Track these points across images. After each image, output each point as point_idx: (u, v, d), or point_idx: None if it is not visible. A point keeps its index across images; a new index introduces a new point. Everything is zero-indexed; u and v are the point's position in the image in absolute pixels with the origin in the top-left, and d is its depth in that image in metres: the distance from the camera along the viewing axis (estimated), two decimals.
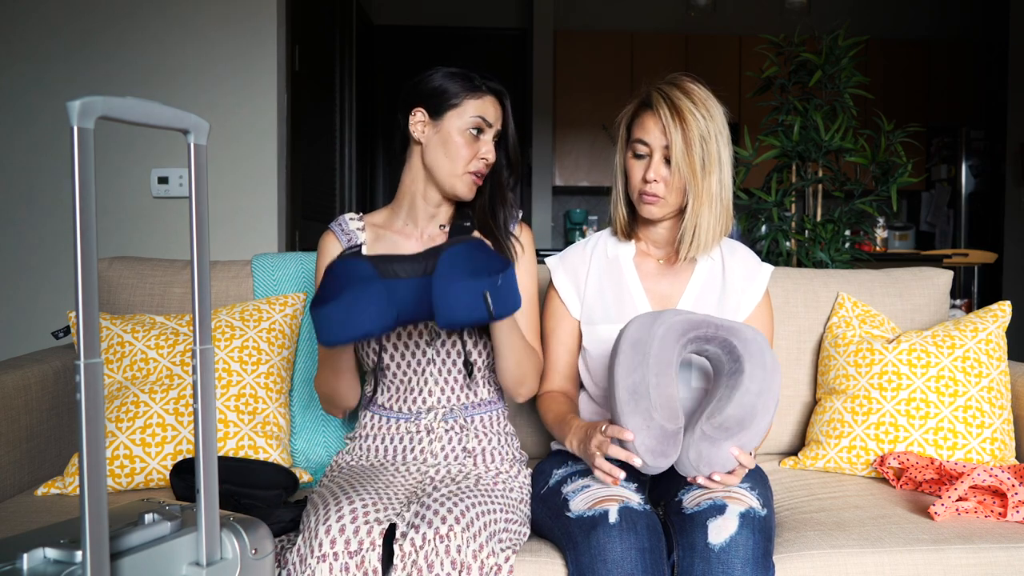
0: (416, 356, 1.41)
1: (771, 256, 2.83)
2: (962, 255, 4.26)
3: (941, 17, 5.98)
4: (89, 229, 0.71)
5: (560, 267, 1.56)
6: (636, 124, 1.43)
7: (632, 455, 1.19)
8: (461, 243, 1.19)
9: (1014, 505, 1.40)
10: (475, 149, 1.40)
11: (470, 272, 1.14)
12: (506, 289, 1.17)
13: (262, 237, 2.92)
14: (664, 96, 1.39)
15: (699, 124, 1.37)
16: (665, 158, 1.39)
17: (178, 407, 1.54)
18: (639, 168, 1.42)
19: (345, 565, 1.10)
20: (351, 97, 4.56)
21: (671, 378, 1.21)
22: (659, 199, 1.41)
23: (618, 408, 1.20)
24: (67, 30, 2.82)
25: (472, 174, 1.41)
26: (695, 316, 1.26)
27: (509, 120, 1.45)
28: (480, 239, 1.22)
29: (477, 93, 1.40)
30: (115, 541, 0.82)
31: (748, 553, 1.15)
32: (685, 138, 1.36)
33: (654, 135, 1.39)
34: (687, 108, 1.37)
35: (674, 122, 1.36)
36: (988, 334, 1.68)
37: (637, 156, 1.43)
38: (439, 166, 1.41)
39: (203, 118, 0.86)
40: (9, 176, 2.84)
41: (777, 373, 1.24)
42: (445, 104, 1.40)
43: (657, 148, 1.39)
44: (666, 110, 1.37)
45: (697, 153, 1.37)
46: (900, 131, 2.71)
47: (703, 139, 1.37)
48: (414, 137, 1.43)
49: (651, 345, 1.21)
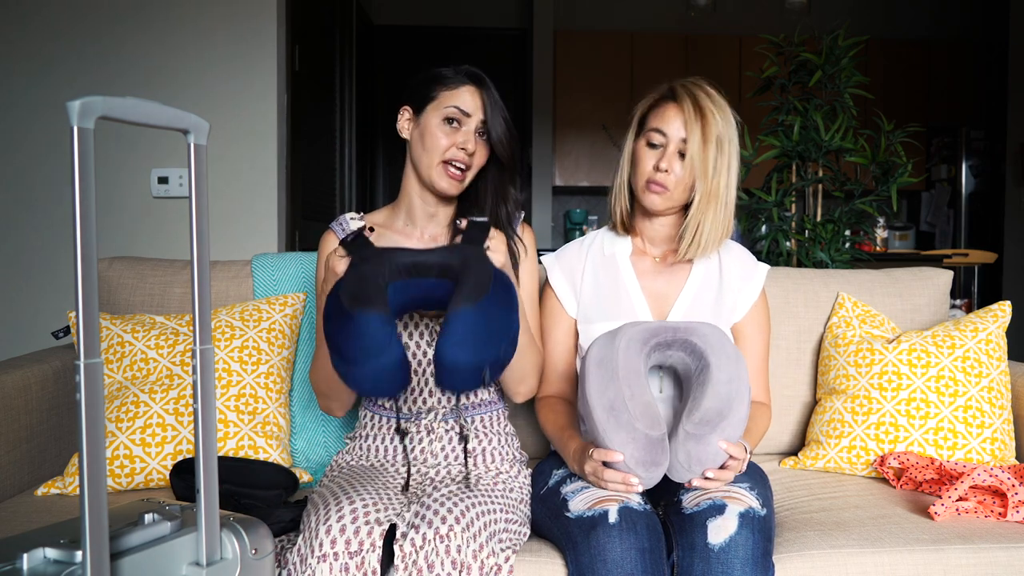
0: (416, 357, 1.41)
1: (771, 256, 2.83)
2: (962, 255, 4.26)
3: (941, 17, 5.98)
4: (89, 229, 0.71)
5: (556, 265, 1.56)
6: (655, 114, 1.44)
7: (628, 475, 1.20)
8: (478, 302, 1.17)
9: (1014, 505, 1.40)
10: (452, 140, 1.38)
11: (473, 348, 1.16)
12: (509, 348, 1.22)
13: (262, 237, 2.92)
14: (689, 92, 1.41)
15: (718, 125, 1.39)
16: (679, 152, 1.40)
17: (178, 407, 1.54)
18: (651, 157, 1.43)
19: (345, 565, 1.10)
20: (351, 97, 4.56)
21: (643, 387, 1.23)
22: (666, 191, 1.42)
23: (600, 429, 1.21)
24: (68, 30, 2.82)
25: (446, 163, 1.38)
26: (651, 323, 1.29)
27: (494, 110, 1.40)
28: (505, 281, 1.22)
29: (451, 84, 1.40)
30: (115, 541, 0.82)
31: (748, 553, 1.15)
32: (704, 134, 1.38)
33: (674, 126, 1.40)
34: (709, 107, 1.39)
35: (696, 117, 1.38)
36: (988, 334, 1.68)
37: (651, 145, 1.43)
38: (419, 160, 1.41)
39: (203, 118, 0.86)
40: (9, 176, 2.84)
41: (742, 362, 1.26)
42: (426, 99, 1.40)
43: (674, 140, 1.40)
44: (690, 104, 1.39)
45: (712, 152, 1.38)
46: (900, 131, 2.71)
47: (719, 140, 1.39)
48: (403, 136, 1.45)
49: (616, 359, 1.23)
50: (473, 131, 1.39)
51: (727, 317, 1.49)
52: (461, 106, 1.38)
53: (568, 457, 1.36)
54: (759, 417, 1.47)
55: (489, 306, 1.17)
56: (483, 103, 1.40)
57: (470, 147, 1.38)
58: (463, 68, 1.42)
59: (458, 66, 1.42)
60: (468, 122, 1.39)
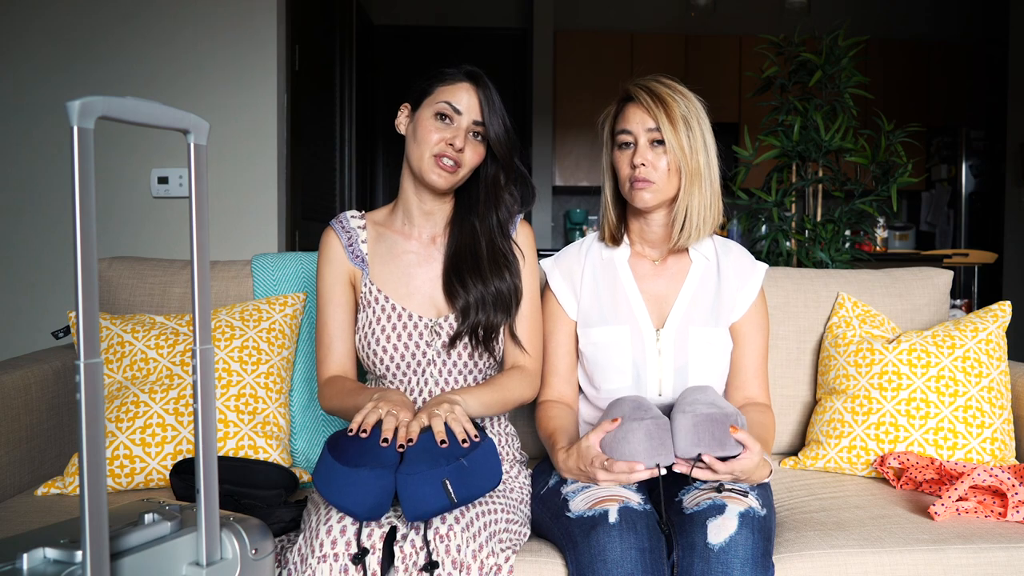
0: (417, 358, 1.41)
1: (771, 256, 2.83)
2: (962, 255, 4.26)
3: (941, 17, 5.98)
4: (89, 229, 0.71)
5: (556, 269, 1.55)
6: (619, 120, 1.46)
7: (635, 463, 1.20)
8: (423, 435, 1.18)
9: (1014, 505, 1.40)
10: (442, 134, 1.37)
11: (429, 462, 1.12)
12: (477, 468, 1.15)
13: (262, 237, 2.92)
14: (642, 86, 1.43)
15: (680, 106, 1.41)
16: (651, 141, 1.41)
17: (178, 407, 1.54)
18: (625, 157, 1.43)
19: (345, 566, 1.10)
20: (351, 97, 4.56)
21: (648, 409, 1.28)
22: (649, 183, 1.42)
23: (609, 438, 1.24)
24: (68, 30, 2.82)
25: (436, 158, 1.37)
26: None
27: (491, 111, 1.39)
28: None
29: (448, 80, 1.40)
30: (115, 541, 0.82)
31: (747, 553, 1.15)
32: (669, 118, 1.39)
33: (636, 121, 1.41)
34: (666, 93, 1.41)
35: (656, 105, 1.40)
36: (988, 334, 1.68)
37: (622, 147, 1.44)
38: (412, 154, 1.41)
39: (203, 118, 0.86)
40: (10, 176, 2.84)
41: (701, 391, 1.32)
42: (423, 94, 1.41)
43: (641, 133, 1.41)
44: (646, 96, 1.41)
45: (682, 131, 1.40)
46: (900, 131, 2.71)
47: (685, 119, 1.40)
48: (400, 131, 1.45)
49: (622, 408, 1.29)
50: (464, 129, 1.38)
51: (726, 317, 1.49)
52: (453, 102, 1.38)
53: (555, 458, 1.35)
54: (768, 424, 1.45)
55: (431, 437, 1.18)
56: (479, 102, 1.39)
57: (458, 143, 1.37)
58: (463, 67, 1.42)
59: (460, 65, 1.43)
60: (459, 119, 1.38)
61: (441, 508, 1.11)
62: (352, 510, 1.10)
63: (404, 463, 1.13)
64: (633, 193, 1.43)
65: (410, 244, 1.47)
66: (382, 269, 1.45)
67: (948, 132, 5.61)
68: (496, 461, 1.18)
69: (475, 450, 1.15)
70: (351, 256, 1.46)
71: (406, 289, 1.44)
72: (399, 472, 1.11)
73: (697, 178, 1.42)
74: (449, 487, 1.10)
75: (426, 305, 1.43)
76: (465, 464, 1.13)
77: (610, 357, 1.45)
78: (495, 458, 1.18)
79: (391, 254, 1.46)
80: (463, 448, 1.16)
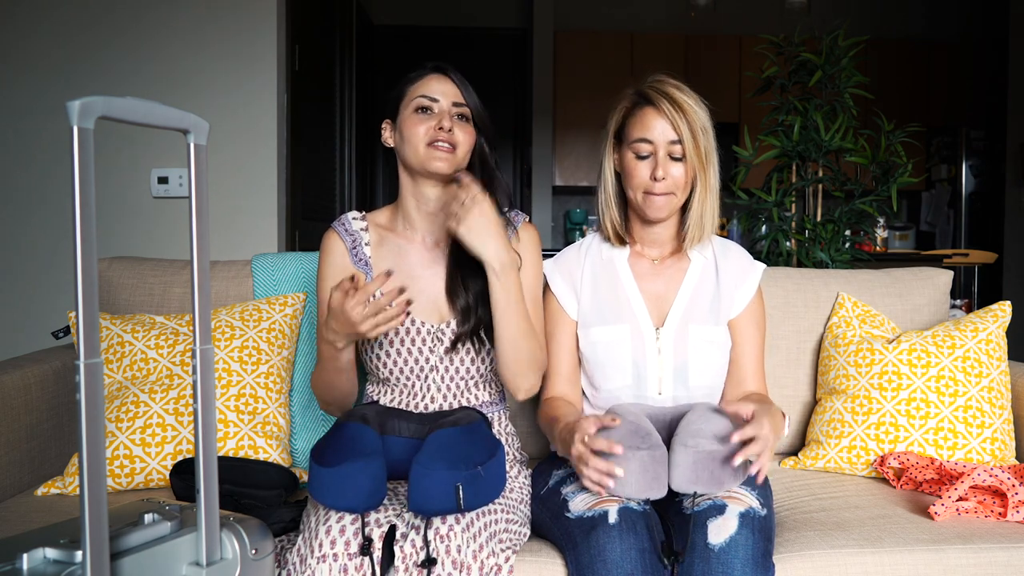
0: (418, 360, 1.41)
1: (771, 256, 2.83)
2: (962, 255, 4.26)
3: (941, 17, 5.98)
4: (89, 229, 0.71)
5: (556, 270, 1.55)
6: (633, 123, 1.42)
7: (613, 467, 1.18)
8: (452, 427, 1.19)
9: (1014, 505, 1.40)
10: (428, 124, 1.38)
11: (449, 462, 1.12)
12: (489, 478, 1.16)
13: (262, 237, 2.92)
14: (662, 92, 1.40)
15: (699, 116, 1.39)
16: (670, 154, 1.40)
17: (178, 407, 1.54)
18: (644, 168, 1.41)
19: (344, 566, 1.10)
20: (351, 97, 4.55)
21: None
22: (671, 196, 1.42)
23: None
24: (68, 31, 2.82)
25: (430, 146, 1.38)
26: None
27: (466, 89, 1.42)
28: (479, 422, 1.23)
29: (415, 78, 1.43)
30: (115, 541, 0.82)
31: (748, 553, 1.15)
32: (692, 130, 1.38)
33: (658, 131, 1.39)
34: (685, 101, 1.39)
35: (679, 116, 1.38)
36: (988, 334, 1.68)
37: (640, 157, 1.42)
38: (406, 155, 1.41)
39: (203, 118, 0.86)
40: (9, 176, 2.83)
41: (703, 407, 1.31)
42: (398, 102, 1.43)
43: (662, 144, 1.39)
44: (668, 104, 1.38)
45: (702, 143, 1.39)
46: (900, 131, 2.71)
47: (704, 129, 1.40)
48: (388, 146, 1.46)
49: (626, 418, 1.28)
50: (447, 112, 1.40)
51: (724, 315, 1.49)
52: (428, 93, 1.40)
53: (553, 440, 1.36)
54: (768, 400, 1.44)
55: (461, 434, 1.19)
56: (453, 85, 1.42)
57: (446, 124, 1.38)
58: (427, 63, 1.45)
59: (424, 63, 1.46)
60: (439, 105, 1.40)
61: (446, 510, 1.12)
62: (350, 506, 1.11)
63: (423, 452, 1.14)
64: (649, 206, 1.43)
65: (413, 248, 1.47)
66: None
67: (948, 132, 5.60)
68: (504, 470, 1.19)
69: (492, 459, 1.17)
70: (354, 259, 1.46)
71: (409, 294, 1.44)
72: (415, 461, 1.12)
73: (708, 186, 1.42)
74: (460, 493, 1.11)
75: (430, 310, 1.43)
76: (481, 473, 1.13)
77: (610, 356, 1.45)
78: (504, 467, 1.19)
79: (394, 258, 1.46)
80: (481, 453, 1.17)
